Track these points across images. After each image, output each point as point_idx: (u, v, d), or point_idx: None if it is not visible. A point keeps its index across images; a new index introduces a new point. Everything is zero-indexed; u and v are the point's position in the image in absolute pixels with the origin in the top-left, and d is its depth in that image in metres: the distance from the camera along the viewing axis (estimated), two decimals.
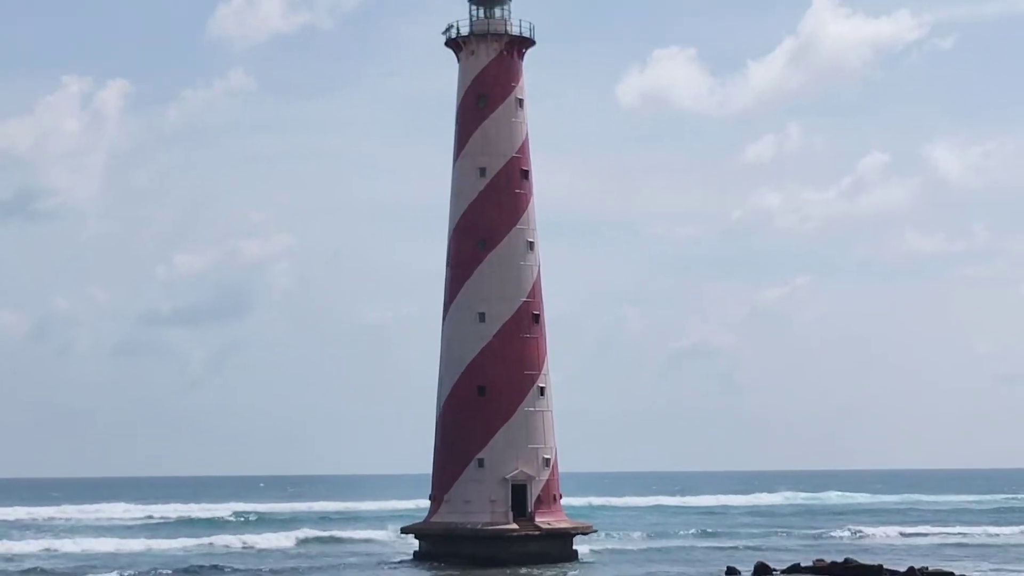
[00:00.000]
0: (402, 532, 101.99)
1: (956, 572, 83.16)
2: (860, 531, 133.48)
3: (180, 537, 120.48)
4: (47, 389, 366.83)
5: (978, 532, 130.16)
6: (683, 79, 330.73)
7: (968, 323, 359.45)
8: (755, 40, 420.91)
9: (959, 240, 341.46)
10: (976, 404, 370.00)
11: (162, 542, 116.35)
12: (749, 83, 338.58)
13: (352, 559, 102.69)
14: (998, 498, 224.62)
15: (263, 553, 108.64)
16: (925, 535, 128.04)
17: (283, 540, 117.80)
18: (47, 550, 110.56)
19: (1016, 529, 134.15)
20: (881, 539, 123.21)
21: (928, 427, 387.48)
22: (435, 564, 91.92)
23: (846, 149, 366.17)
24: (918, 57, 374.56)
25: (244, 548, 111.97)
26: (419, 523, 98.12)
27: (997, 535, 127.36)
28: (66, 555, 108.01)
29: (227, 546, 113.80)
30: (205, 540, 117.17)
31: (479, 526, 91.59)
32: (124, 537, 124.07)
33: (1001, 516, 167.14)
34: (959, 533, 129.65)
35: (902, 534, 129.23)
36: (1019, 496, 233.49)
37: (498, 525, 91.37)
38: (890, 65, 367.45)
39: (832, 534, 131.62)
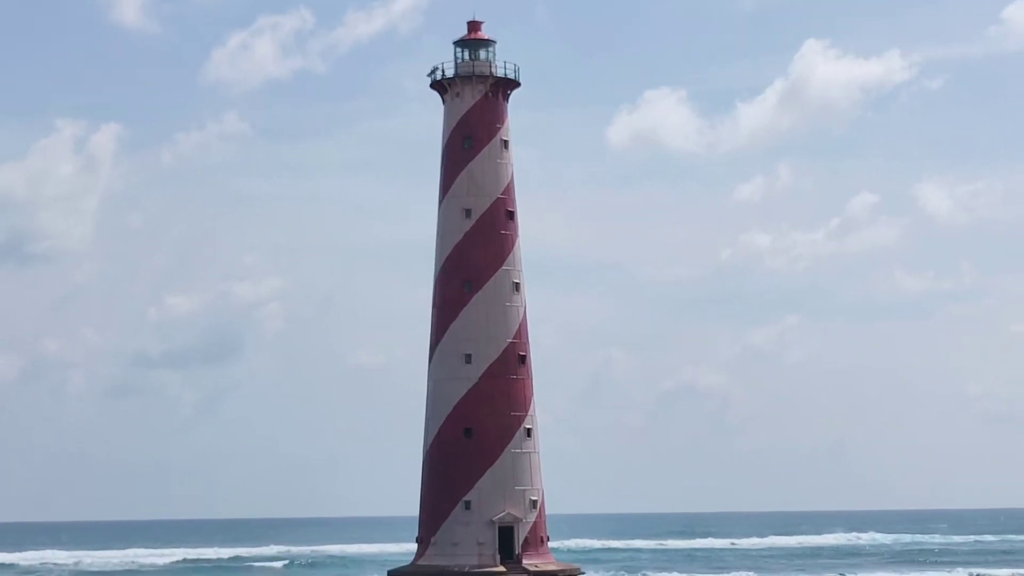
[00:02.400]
0: (388, 575, 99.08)
1: None
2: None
3: None
4: (39, 431, 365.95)
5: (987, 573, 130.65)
6: (673, 120, 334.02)
7: (958, 362, 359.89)
8: (745, 81, 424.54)
9: (948, 279, 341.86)
10: (966, 444, 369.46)
11: None
12: (739, 124, 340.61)
13: None
14: (991, 539, 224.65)
15: None
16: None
17: None
18: None
19: (1009, 571, 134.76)
20: None
21: (918, 467, 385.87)
22: None
23: (836, 189, 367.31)
24: (907, 98, 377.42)
25: None
26: (406, 566, 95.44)
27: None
28: None
29: None
30: None
31: (466, 569, 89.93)
32: None
33: (997, 557, 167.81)
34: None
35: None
36: (1009, 537, 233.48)
37: (485, 568, 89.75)
38: (879, 106, 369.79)
39: None
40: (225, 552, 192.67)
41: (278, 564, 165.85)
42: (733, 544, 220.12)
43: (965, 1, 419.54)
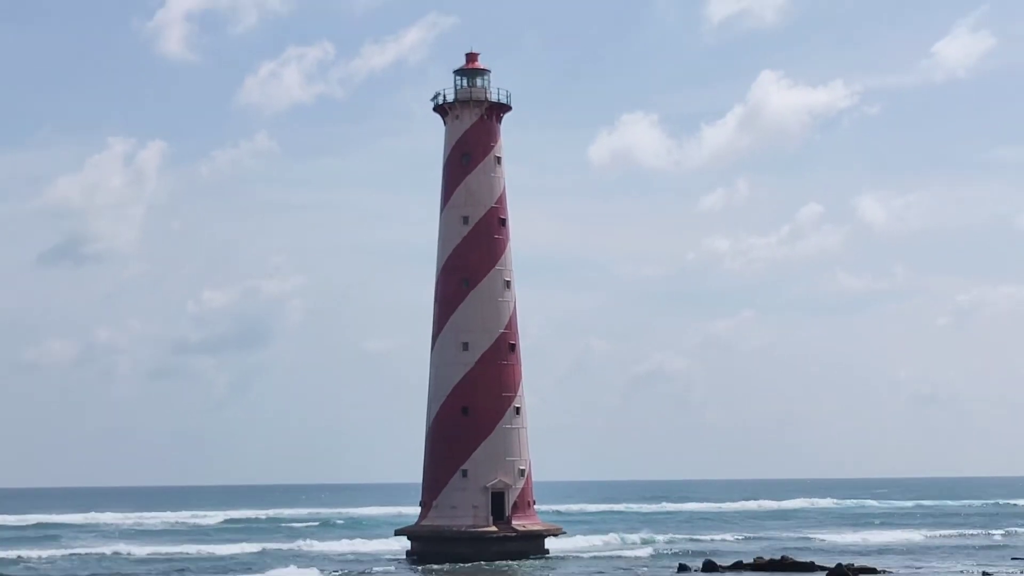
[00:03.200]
0: (395, 534, 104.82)
1: (878, 568, 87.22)
2: (805, 533, 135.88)
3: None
4: (91, 408, 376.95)
5: (912, 535, 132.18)
6: (646, 140, 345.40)
7: (890, 351, 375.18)
8: (709, 106, 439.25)
9: (883, 279, 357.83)
10: (896, 421, 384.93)
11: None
12: (703, 144, 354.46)
13: (351, 558, 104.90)
14: (927, 504, 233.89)
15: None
16: (859, 536, 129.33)
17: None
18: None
19: (941, 532, 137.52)
20: (819, 540, 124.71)
21: (855, 441, 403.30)
22: (425, 562, 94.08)
23: (786, 201, 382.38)
24: (849, 122, 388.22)
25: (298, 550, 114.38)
26: (410, 526, 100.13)
27: (931, 536, 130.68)
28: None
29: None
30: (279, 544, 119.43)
31: (463, 528, 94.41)
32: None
33: (928, 520, 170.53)
34: (893, 535, 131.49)
35: (840, 535, 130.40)
36: (947, 502, 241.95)
37: (480, 527, 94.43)
38: (825, 128, 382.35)
39: (776, 535, 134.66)
40: (262, 513, 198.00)
41: (314, 523, 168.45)
42: (719, 508, 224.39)
43: (900, 38, 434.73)
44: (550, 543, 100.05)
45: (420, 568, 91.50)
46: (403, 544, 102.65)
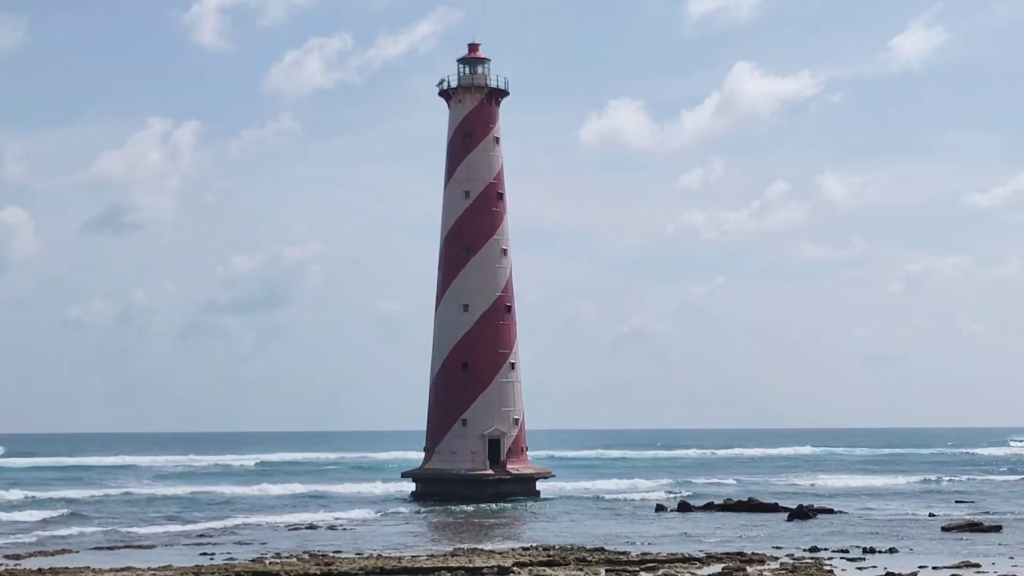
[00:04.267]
0: (402, 476, 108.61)
1: (835, 508, 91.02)
2: (774, 478, 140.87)
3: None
4: (129, 362, 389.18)
5: (873, 480, 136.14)
6: (632, 124, 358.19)
7: (849, 314, 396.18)
8: (689, 94, 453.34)
9: (843, 249, 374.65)
10: (853, 377, 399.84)
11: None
12: (683, 127, 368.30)
13: (361, 498, 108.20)
14: (885, 452, 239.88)
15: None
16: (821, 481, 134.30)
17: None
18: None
19: (905, 479, 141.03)
20: (785, 484, 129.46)
21: (816, 394, 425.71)
22: (428, 501, 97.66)
23: (757, 179, 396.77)
24: (814, 108, 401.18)
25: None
26: (416, 469, 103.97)
27: (890, 483, 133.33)
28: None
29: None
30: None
31: (463, 471, 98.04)
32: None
33: (884, 466, 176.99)
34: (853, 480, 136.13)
35: (810, 482, 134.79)
36: (902, 450, 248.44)
37: (478, 471, 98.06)
38: (792, 114, 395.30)
39: (747, 479, 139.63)
40: (288, 456, 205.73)
41: (341, 465, 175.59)
42: (713, 453, 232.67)
43: (861, 33, 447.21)
44: (540, 485, 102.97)
45: (423, 510, 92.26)
46: (410, 487, 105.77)
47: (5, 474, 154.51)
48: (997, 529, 76.29)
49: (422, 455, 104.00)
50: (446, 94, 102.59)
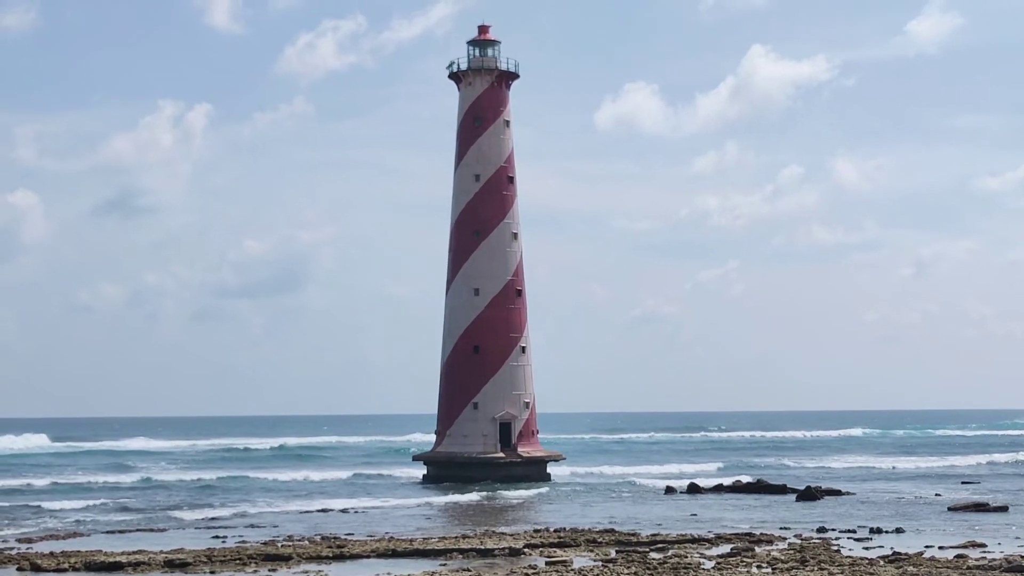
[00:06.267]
0: (413, 460, 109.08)
1: (843, 490, 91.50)
2: (783, 461, 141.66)
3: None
4: (139, 346, 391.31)
5: (880, 462, 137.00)
6: (647, 107, 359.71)
7: (859, 296, 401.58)
8: (703, 77, 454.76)
9: (854, 234, 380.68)
10: (863, 358, 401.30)
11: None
12: (697, 111, 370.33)
13: (372, 482, 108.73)
14: (900, 433, 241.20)
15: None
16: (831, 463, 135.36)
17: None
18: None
19: (906, 459, 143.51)
20: (795, 466, 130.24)
21: (826, 376, 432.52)
22: (440, 484, 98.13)
23: (770, 163, 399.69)
24: (828, 92, 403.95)
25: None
26: (427, 452, 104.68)
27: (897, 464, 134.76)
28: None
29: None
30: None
31: (474, 454, 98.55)
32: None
33: (898, 447, 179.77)
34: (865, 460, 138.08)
35: (818, 464, 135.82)
36: (911, 431, 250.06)
37: (489, 454, 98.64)
38: (807, 98, 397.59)
39: (756, 461, 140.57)
40: (295, 441, 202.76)
41: (366, 449, 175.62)
42: (731, 435, 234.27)
43: (876, 17, 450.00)
44: (551, 467, 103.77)
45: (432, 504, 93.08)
46: (422, 470, 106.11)
47: (39, 460, 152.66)
48: (1004, 509, 76.82)
49: (433, 438, 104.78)
50: (456, 77, 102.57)
